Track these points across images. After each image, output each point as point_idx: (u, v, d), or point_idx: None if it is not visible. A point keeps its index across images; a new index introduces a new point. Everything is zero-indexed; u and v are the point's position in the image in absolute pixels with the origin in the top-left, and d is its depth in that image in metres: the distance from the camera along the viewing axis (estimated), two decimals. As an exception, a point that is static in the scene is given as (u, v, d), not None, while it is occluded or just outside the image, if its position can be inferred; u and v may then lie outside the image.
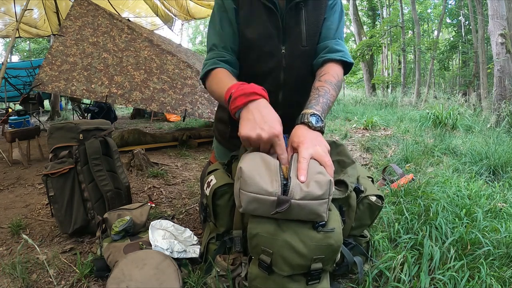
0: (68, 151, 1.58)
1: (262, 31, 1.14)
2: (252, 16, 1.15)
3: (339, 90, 1.07)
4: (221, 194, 1.08)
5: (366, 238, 1.23)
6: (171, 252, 1.21)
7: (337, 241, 0.86)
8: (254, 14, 1.15)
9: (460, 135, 3.76)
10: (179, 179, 2.58)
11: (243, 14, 1.16)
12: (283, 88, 1.21)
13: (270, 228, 0.85)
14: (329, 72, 1.07)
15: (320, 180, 0.80)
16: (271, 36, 1.15)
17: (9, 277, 1.22)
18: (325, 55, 1.13)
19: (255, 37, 1.15)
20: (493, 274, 1.14)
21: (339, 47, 1.13)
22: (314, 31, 1.16)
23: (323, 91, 1.01)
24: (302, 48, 1.16)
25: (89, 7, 3.84)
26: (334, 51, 1.13)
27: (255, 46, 1.17)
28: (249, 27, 1.16)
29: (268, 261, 0.87)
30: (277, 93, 1.22)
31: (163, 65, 3.76)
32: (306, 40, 1.15)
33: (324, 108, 0.97)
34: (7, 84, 6.23)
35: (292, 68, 1.19)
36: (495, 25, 5.14)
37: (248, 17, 1.15)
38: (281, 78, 1.19)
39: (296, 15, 1.14)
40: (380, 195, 1.13)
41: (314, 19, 1.16)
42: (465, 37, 13.70)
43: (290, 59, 1.17)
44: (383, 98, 9.23)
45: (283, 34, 1.16)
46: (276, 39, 1.15)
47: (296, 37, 1.16)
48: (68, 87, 3.25)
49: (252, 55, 1.19)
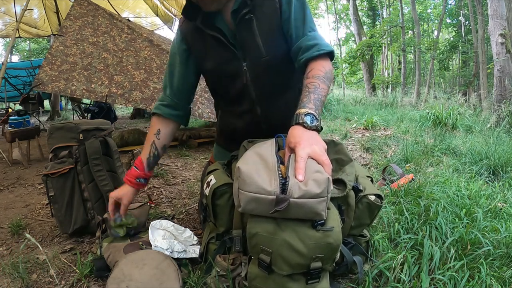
0: (68, 151, 1.58)
1: (217, 58, 1.18)
2: (204, 49, 1.20)
3: (329, 81, 1.04)
4: (220, 194, 1.08)
5: (366, 237, 1.23)
6: (171, 252, 1.21)
7: (336, 240, 0.87)
8: (205, 46, 1.19)
9: (460, 135, 3.76)
10: (179, 179, 2.58)
11: (196, 51, 1.22)
12: (258, 103, 1.23)
13: (269, 228, 0.86)
14: (315, 67, 1.05)
15: (318, 178, 0.80)
16: (227, 60, 1.17)
17: (9, 277, 1.22)
18: (302, 56, 1.09)
19: (213, 66, 1.20)
20: (493, 274, 1.14)
21: (311, 42, 1.08)
22: (271, 39, 1.13)
23: (313, 87, 0.99)
24: (263, 59, 1.14)
25: (89, 7, 3.84)
26: (308, 48, 1.08)
27: (216, 74, 1.22)
28: (205, 60, 1.21)
29: (267, 261, 0.88)
30: (255, 110, 1.24)
31: (163, 65, 3.76)
32: (265, 51, 1.13)
33: (317, 105, 0.95)
34: (7, 84, 6.23)
35: (258, 82, 1.19)
36: (495, 25, 5.14)
37: (202, 51, 1.21)
38: (252, 95, 1.21)
39: (248, 28, 1.12)
40: (379, 194, 1.13)
41: (267, 27, 1.12)
42: (465, 37, 13.71)
43: (254, 73, 1.17)
44: (383, 98, 9.23)
45: (241, 51, 1.15)
46: (235, 61, 1.16)
47: (254, 50, 1.14)
48: (68, 87, 3.25)
49: (219, 83, 1.27)
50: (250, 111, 1.25)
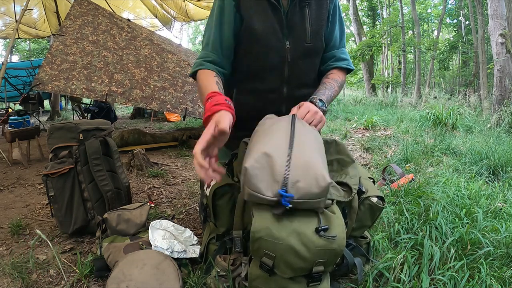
0: (68, 151, 1.58)
1: (266, 24, 1.16)
2: (256, 10, 1.16)
3: (341, 88, 1.25)
4: (221, 194, 1.08)
5: (367, 239, 1.23)
6: (171, 252, 1.21)
7: (340, 245, 0.86)
8: (258, 8, 1.16)
9: (460, 135, 3.76)
10: (179, 179, 2.58)
11: (245, 9, 1.16)
12: (287, 83, 1.24)
13: (274, 233, 0.85)
14: (335, 73, 1.25)
15: (319, 180, 0.81)
16: (275, 30, 1.17)
17: (9, 277, 1.22)
18: (333, 63, 1.27)
19: (260, 30, 1.16)
20: (493, 274, 1.14)
21: (344, 56, 1.28)
22: (317, 29, 1.21)
23: (330, 86, 1.19)
24: (306, 44, 1.20)
25: (89, 7, 3.84)
26: (340, 60, 1.27)
27: (260, 39, 1.18)
28: (253, 20, 1.16)
29: (270, 264, 0.87)
30: (282, 88, 1.24)
31: (164, 63, 3.76)
32: (310, 37, 1.19)
33: (328, 99, 1.14)
34: (7, 84, 6.22)
35: (296, 64, 1.21)
36: (495, 25, 5.13)
37: (252, 10, 1.16)
38: (285, 73, 1.22)
39: (300, 12, 1.17)
40: (381, 196, 1.13)
41: (317, 17, 1.20)
42: (465, 37, 13.70)
43: (294, 54, 1.20)
44: (383, 98, 9.23)
45: (288, 30, 1.18)
46: (281, 34, 1.17)
47: (300, 33, 1.19)
48: (68, 86, 3.25)
49: (256, 49, 1.20)
50: (276, 90, 1.24)
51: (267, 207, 0.85)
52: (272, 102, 1.25)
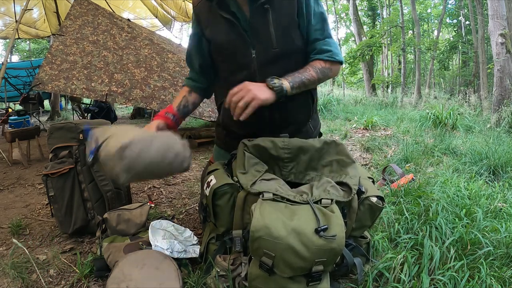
0: (68, 151, 1.58)
1: (227, 41, 1.19)
2: (216, 30, 1.20)
3: (322, 75, 1.16)
4: (221, 194, 1.08)
5: (367, 239, 1.23)
6: (171, 252, 1.20)
7: (339, 245, 0.87)
8: (217, 28, 1.19)
9: (460, 135, 3.76)
10: (179, 179, 2.58)
11: (207, 32, 1.23)
12: None
13: (273, 232, 0.85)
14: (316, 61, 1.17)
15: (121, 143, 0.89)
16: (237, 44, 1.17)
17: (9, 277, 1.22)
18: (314, 55, 1.19)
19: (223, 48, 1.21)
20: (493, 274, 1.14)
21: (327, 47, 1.18)
22: (283, 33, 1.15)
23: (302, 70, 1.14)
24: (273, 50, 1.15)
25: (89, 7, 3.84)
26: (322, 51, 1.17)
27: (226, 55, 1.22)
28: (216, 41, 1.22)
29: (269, 264, 0.87)
30: None
31: (164, 63, 3.75)
32: (276, 43, 1.14)
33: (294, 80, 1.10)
34: (7, 84, 6.22)
35: (266, 72, 1.17)
36: (495, 25, 5.13)
37: (213, 32, 1.21)
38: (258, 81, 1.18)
39: (263, 17, 1.13)
40: (380, 196, 1.13)
41: (283, 20, 1.14)
42: (465, 37, 13.70)
43: (263, 63, 1.17)
44: (383, 98, 9.22)
45: (252, 38, 1.15)
46: (244, 46, 1.16)
47: (265, 40, 1.15)
48: (68, 86, 3.24)
49: (225, 67, 1.26)
50: None
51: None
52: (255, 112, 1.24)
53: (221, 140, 1.42)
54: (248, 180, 1.03)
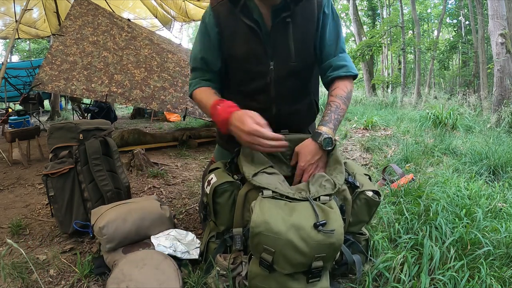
0: (68, 151, 1.58)
1: (247, 50, 1.16)
2: (237, 35, 1.16)
3: (348, 102, 1.18)
4: (221, 192, 1.08)
5: (365, 235, 1.23)
6: (174, 251, 1.21)
7: (338, 240, 0.88)
8: (238, 33, 1.16)
9: (460, 135, 3.76)
10: (179, 179, 2.58)
11: (226, 35, 1.18)
12: (276, 103, 1.23)
13: (273, 227, 0.86)
14: (339, 87, 1.17)
15: None
16: (257, 54, 1.16)
17: (9, 277, 1.22)
18: (331, 74, 1.20)
19: (241, 56, 1.17)
20: (493, 274, 1.14)
21: (342, 63, 1.19)
22: (303, 47, 1.17)
23: (335, 106, 1.14)
24: (291, 64, 1.17)
25: (89, 7, 3.84)
26: (338, 68, 1.19)
27: (242, 65, 1.19)
28: (234, 46, 1.18)
29: (269, 260, 0.88)
30: (271, 109, 1.23)
31: (164, 63, 3.76)
32: (295, 56, 1.16)
33: (336, 125, 1.12)
34: (7, 84, 6.22)
35: (282, 84, 1.19)
36: (495, 25, 5.13)
37: (232, 37, 1.17)
38: (272, 94, 1.21)
39: (284, 31, 1.14)
40: (376, 190, 1.13)
41: (303, 34, 1.16)
42: (465, 37, 13.70)
43: (280, 75, 1.18)
44: (383, 98, 9.23)
45: (271, 50, 1.16)
46: (263, 57, 1.16)
47: (284, 53, 1.16)
48: (68, 86, 3.25)
49: (240, 74, 1.23)
50: (265, 110, 1.22)
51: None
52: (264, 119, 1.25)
53: (224, 140, 1.41)
54: (251, 170, 1.03)
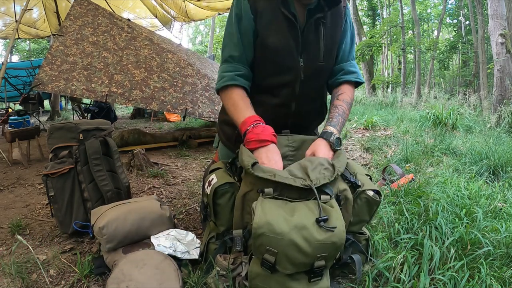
0: (68, 151, 1.58)
1: (282, 41, 1.15)
2: (273, 25, 1.14)
3: (351, 107, 1.26)
4: (221, 193, 1.08)
5: (366, 235, 1.23)
6: (174, 251, 1.21)
7: (340, 239, 0.88)
8: (274, 23, 1.14)
9: (460, 135, 3.76)
10: (179, 179, 2.58)
11: (263, 23, 1.15)
12: (298, 99, 1.24)
13: (276, 228, 0.86)
14: (345, 92, 1.24)
15: None
16: (291, 48, 1.16)
17: (9, 277, 1.22)
18: (341, 77, 1.26)
19: (275, 47, 1.15)
20: (493, 274, 1.14)
21: (353, 69, 1.27)
22: (331, 48, 1.22)
23: (341, 110, 1.20)
24: (319, 63, 1.20)
25: (89, 7, 3.84)
26: (349, 73, 1.26)
27: (274, 56, 1.17)
28: (269, 36, 1.15)
29: (272, 261, 0.88)
30: (291, 104, 1.24)
31: (164, 64, 3.75)
32: (323, 56, 1.19)
33: (341, 128, 1.18)
34: (7, 84, 6.22)
35: (308, 82, 1.21)
36: (495, 25, 5.13)
37: (269, 25, 1.15)
38: (296, 90, 1.22)
39: (316, 30, 1.16)
40: (377, 190, 1.13)
41: (331, 37, 1.20)
42: (465, 37, 13.70)
43: (308, 72, 1.20)
44: (383, 98, 9.23)
45: (302, 47, 1.17)
46: (295, 52, 1.17)
47: (314, 52, 1.18)
48: (68, 86, 3.24)
49: (270, 66, 1.20)
50: (285, 106, 1.24)
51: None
52: (280, 116, 1.25)
53: (231, 141, 1.35)
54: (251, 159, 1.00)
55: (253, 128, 1.06)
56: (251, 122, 1.07)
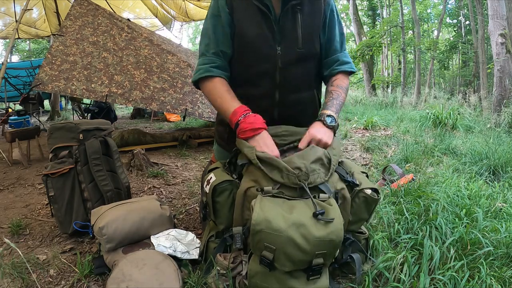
0: (68, 151, 1.58)
1: (257, 32, 1.18)
2: (247, 16, 1.18)
3: (347, 92, 1.29)
4: (220, 191, 1.08)
5: (365, 234, 1.24)
6: (174, 251, 1.21)
7: (338, 236, 0.89)
8: (248, 16, 1.18)
9: (460, 135, 3.76)
10: (179, 179, 2.58)
11: (237, 17, 1.20)
12: (280, 88, 1.23)
13: (274, 225, 0.86)
14: (339, 79, 1.27)
15: None
16: (266, 37, 1.18)
17: (9, 277, 1.22)
18: (338, 67, 1.29)
19: (251, 37, 1.19)
20: (493, 274, 1.14)
21: (347, 59, 1.30)
22: (310, 35, 1.21)
23: (336, 94, 1.22)
24: (298, 50, 1.20)
25: (89, 7, 3.84)
26: (344, 63, 1.29)
27: (251, 47, 1.20)
28: (244, 27, 1.19)
29: (270, 258, 0.88)
30: (274, 94, 1.24)
31: (164, 64, 3.75)
32: (302, 43, 1.19)
33: (338, 109, 1.20)
34: (7, 84, 6.22)
35: (288, 70, 1.21)
36: (495, 25, 5.13)
37: (243, 19, 1.19)
38: (277, 79, 1.22)
39: (292, 18, 1.18)
40: (375, 188, 1.13)
41: (310, 24, 1.20)
42: (465, 37, 13.70)
43: (286, 60, 1.20)
44: (383, 98, 9.22)
45: (280, 35, 1.18)
46: (272, 41, 1.18)
47: (292, 39, 1.19)
48: (68, 86, 3.25)
49: (248, 56, 1.22)
50: (268, 96, 1.24)
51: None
52: (264, 107, 1.24)
53: (224, 140, 1.39)
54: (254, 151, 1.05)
55: (244, 118, 1.10)
56: (242, 112, 1.11)
